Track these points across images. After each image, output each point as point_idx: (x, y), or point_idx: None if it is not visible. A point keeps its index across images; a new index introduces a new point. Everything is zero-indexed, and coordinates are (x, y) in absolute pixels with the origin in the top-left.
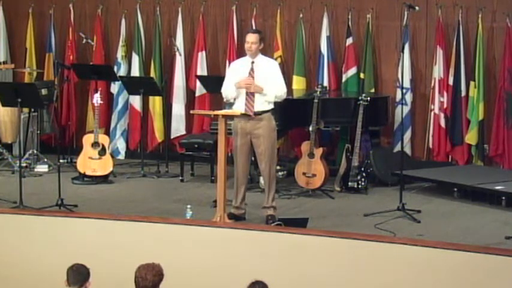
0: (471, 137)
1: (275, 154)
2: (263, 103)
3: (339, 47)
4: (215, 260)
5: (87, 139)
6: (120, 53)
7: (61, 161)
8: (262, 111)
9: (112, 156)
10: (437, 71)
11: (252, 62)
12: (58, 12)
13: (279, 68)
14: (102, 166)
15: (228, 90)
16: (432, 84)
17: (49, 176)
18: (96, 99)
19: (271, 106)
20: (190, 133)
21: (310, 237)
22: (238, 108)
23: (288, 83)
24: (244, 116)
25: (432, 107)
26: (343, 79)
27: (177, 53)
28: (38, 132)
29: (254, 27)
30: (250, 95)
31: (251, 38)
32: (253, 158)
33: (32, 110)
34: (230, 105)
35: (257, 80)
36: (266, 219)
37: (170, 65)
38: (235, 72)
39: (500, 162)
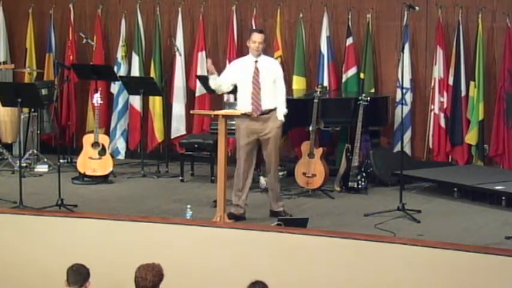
0: (471, 137)
1: (278, 154)
2: (270, 102)
3: (339, 47)
4: (215, 260)
5: (87, 139)
6: (120, 53)
7: (61, 161)
8: (269, 110)
9: (112, 156)
10: (437, 71)
11: (256, 62)
12: (58, 12)
13: (281, 68)
14: (102, 166)
15: (222, 82)
16: (432, 84)
17: (49, 176)
18: (96, 99)
19: (275, 104)
20: (190, 133)
21: (310, 237)
22: (242, 107)
23: (288, 83)
24: (248, 115)
25: (432, 107)
26: (343, 79)
27: (177, 53)
28: (38, 132)
29: (254, 27)
30: (256, 94)
31: (259, 38)
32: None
33: (32, 110)
34: (230, 105)
35: (263, 80)
36: (278, 214)
37: (170, 65)
38: (239, 71)
39: (500, 162)
